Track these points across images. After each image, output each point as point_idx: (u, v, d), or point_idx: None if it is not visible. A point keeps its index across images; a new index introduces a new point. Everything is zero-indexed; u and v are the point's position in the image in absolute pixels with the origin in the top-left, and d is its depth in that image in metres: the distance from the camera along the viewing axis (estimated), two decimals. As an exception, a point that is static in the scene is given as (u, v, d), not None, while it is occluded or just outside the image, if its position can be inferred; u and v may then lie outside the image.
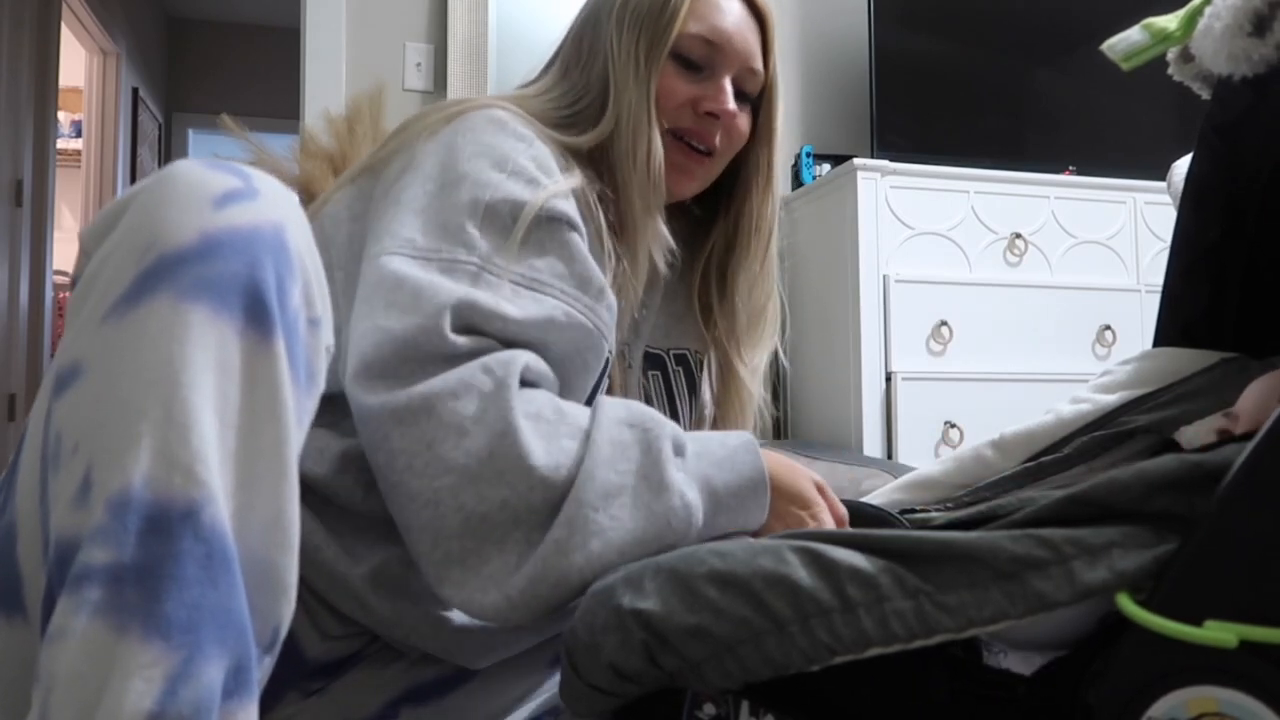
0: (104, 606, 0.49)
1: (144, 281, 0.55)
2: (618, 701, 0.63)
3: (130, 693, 0.48)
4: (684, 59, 0.93)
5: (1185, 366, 0.89)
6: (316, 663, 0.80)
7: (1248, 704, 0.53)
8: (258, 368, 0.56)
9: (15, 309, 3.60)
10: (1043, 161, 2.46)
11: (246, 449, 0.56)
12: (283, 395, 0.57)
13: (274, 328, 0.57)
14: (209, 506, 0.52)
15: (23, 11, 3.58)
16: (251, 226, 0.57)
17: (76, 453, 0.53)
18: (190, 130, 5.57)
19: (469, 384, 0.70)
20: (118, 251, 0.57)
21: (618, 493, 0.69)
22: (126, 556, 0.50)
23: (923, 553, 0.58)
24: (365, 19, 2.52)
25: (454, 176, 0.80)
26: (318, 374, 0.63)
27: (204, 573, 0.51)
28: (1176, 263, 0.93)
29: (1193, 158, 0.92)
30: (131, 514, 0.51)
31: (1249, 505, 0.56)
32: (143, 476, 0.51)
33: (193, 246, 0.55)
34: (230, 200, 0.58)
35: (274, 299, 0.57)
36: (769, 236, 1.01)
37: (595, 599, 0.62)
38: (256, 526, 0.56)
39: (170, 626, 0.50)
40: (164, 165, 2.21)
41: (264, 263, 0.57)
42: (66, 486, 0.53)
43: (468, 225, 0.77)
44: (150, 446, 0.52)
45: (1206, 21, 0.74)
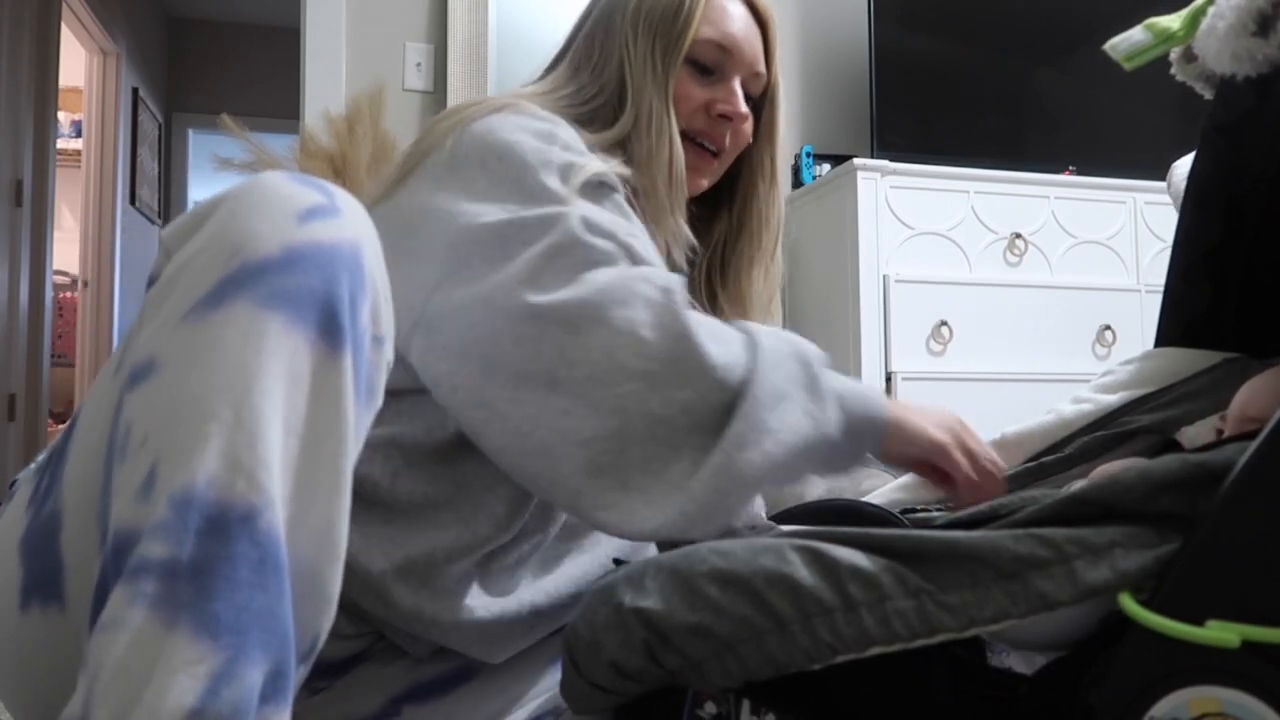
0: (157, 600, 0.51)
1: (226, 287, 0.56)
2: (618, 700, 0.63)
3: (174, 688, 0.49)
4: (697, 63, 0.95)
5: (1186, 366, 0.89)
6: (324, 662, 0.80)
7: (1249, 704, 0.53)
8: (325, 380, 0.58)
9: (15, 309, 3.59)
10: (1043, 161, 2.46)
11: (307, 459, 0.57)
12: (345, 409, 0.58)
13: (344, 343, 0.58)
14: (267, 512, 0.54)
15: (23, 11, 3.58)
16: (332, 243, 0.59)
17: (144, 447, 0.55)
18: (190, 130, 5.57)
19: (633, 291, 0.72)
20: (202, 254, 0.58)
21: (784, 397, 0.70)
22: (184, 553, 0.51)
23: (925, 552, 0.58)
24: (365, 19, 2.52)
25: (500, 153, 0.80)
26: (377, 391, 0.64)
27: (256, 576, 0.53)
28: (1178, 263, 0.93)
29: (1195, 158, 0.92)
30: (193, 512, 0.52)
31: (1251, 505, 0.56)
32: (207, 476, 0.52)
33: (275, 257, 0.57)
34: (314, 216, 0.59)
35: (346, 315, 0.58)
36: (778, 231, 1.04)
37: (597, 597, 0.62)
38: (308, 536, 0.57)
39: (219, 626, 0.51)
40: (165, 165, 2.22)
41: (340, 279, 0.58)
42: (131, 478, 0.54)
43: (540, 175, 0.78)
44: (217, 448, 0.53)
45: (1210, 21, 0.74)
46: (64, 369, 4.49)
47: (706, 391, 0.70)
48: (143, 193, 4.97)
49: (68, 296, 4.74)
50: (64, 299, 4.73)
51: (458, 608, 0.79)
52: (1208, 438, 0.80)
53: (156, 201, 5.30)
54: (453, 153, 0.82)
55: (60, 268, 4.37)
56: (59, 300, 4.60)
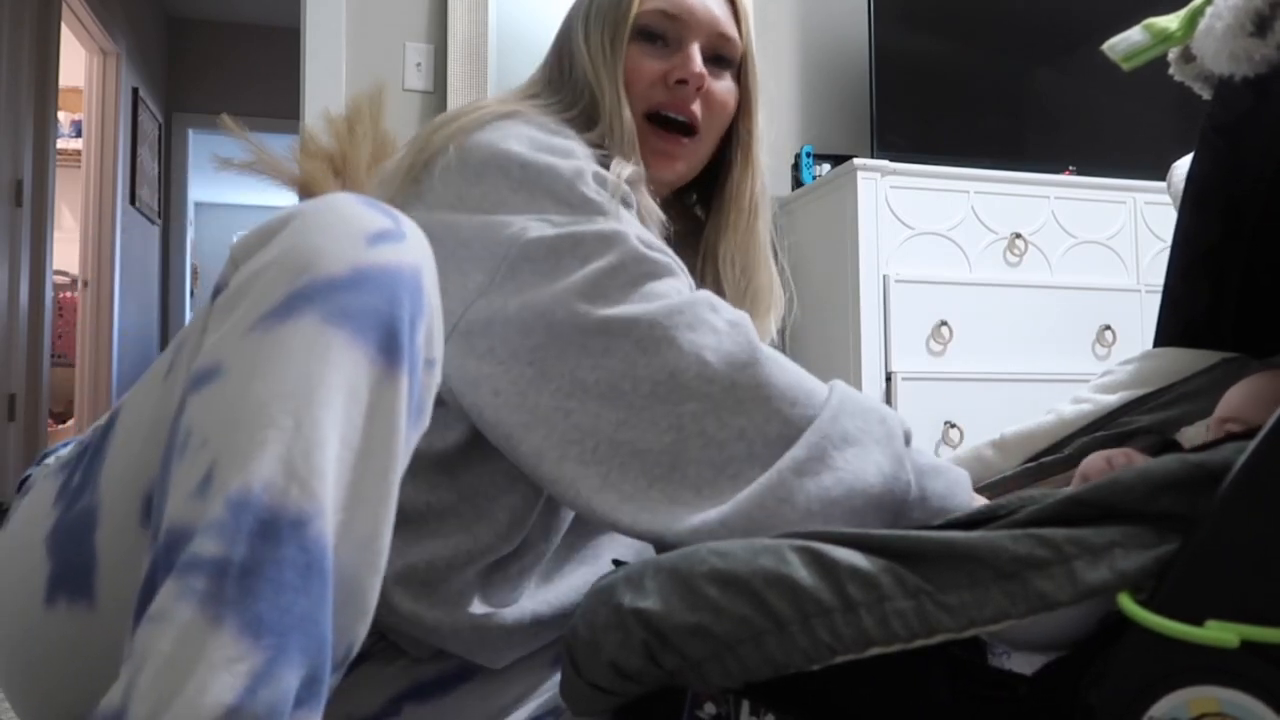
0: (206, 597, 0.52)
1: (294, 301, 0.58)
2: (618, 700, 0.63)
3: (215, 684, 0.50)
4: (647, 35, 0.93)
5: (1186, 366, 0.89)
6: None
7: (1249, 704, 0.53)
8: (382, 397, 0.59)
9: (15, 309, 3.60)
10: (1043, 161, 2.46)
11: (358, 471, 0.58)
12: (398, 426, 0.60)
13: (401, 362, 0.60)
14: (317, 520, 0.55)
15: (23, 11, 3.58)
16: (396, 266, 0.61)
17: (205, 447, 0.56)
18: (190, 130, 5.57)
19: (700, 317, 0.73)
20: (271, 268, 0.60)
21: (856, 442, 0.70)
22: (235, 554, 0.52)
23: (924, 552, 0.58)
24: (365, 19, 2.52)
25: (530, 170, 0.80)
26: (425, 411, 0.65)
27: (301, 581, 0.54)
28: (1177, 263, 0.93)
29: (1193, 158, 0.92)
30: (247, 514, 0.53)
31: (1250, 506, 0.56)
32: (263, 481, 0.54)
33: (344, 277, 0.59)
34: (382, 239, 0.61)
35: (405, 336, 0.60)
36: (754, 208, 1.00)
37: (596, 597, 0.62)
38: (352, 546, 0.58)
39: (261, 626, 0.52)
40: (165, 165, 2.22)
41: (402, 301, 0.60)
42: (189, 477, 0.55)
43: (577, 185, 0.79)
44: (275, 454, 0.54)
45: (1208, 21, 0.74)
46: (64, 369, 4.49)
47: (765, 420, 0.70)
48: (143, 193, 4.97)
49: (68, 296, 4.74)
50: (64, 299, 4.73)
51: (458, 615, 0.80)
52: (1207, 438, 0.80)
53: (156, 201, 5.30)
54: (464, 161, 0.81)
55: (60, 268, 4.37)
56: (59, 300, 4.60)
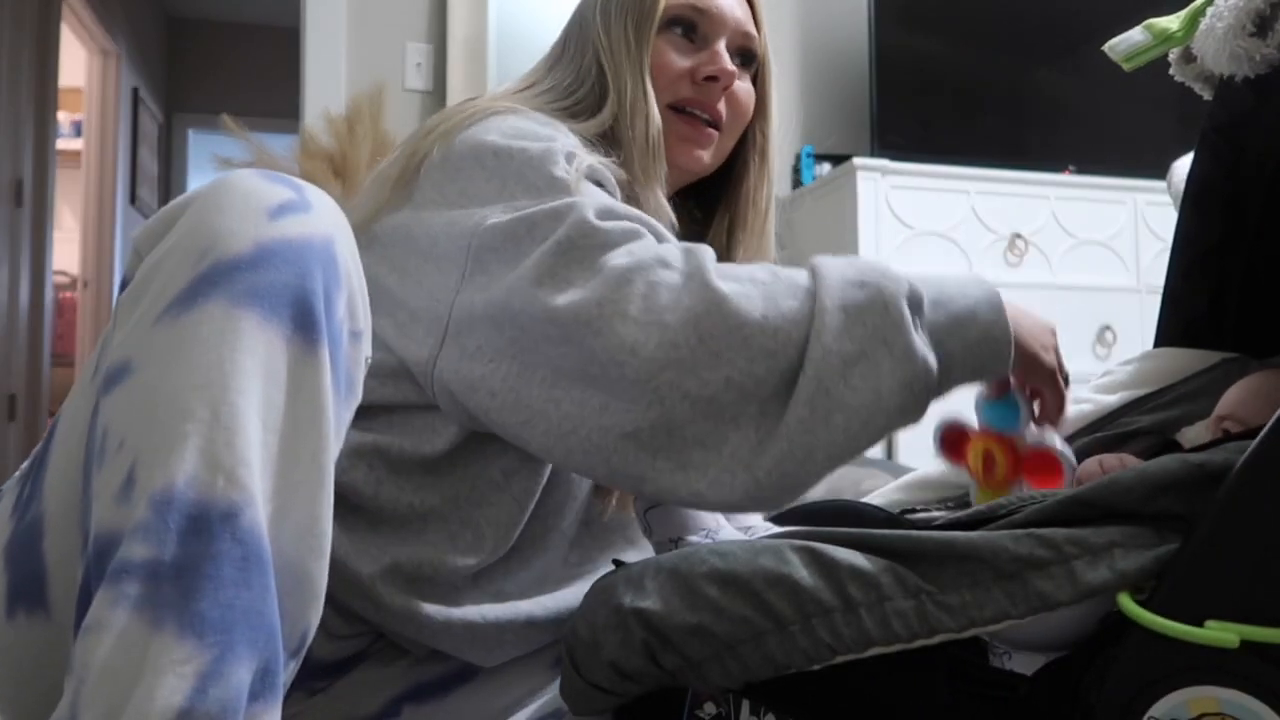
0: (141, 602, 0.50)
1: (198, 286, 0.56)
2: (618, 700, 0.63)
3: (162, 688, 0.49)
4: (675, 28, 0.93)
5: (1186, 367, 0.89)
6: (322, 662, 0.80)
7: (1249, 704, 0.53)
8: (302, 376, 0.57)
9: (15, 309, 3.59)
10: (1043, 161, 2.46)
11: (287, 455, 0.57)
12: (324, 404, 0.58)
13: (320, 338, 0.58)
14: (248, 509, 0.54)
15: (23, 11, 3.58)
16: (303, 238, 0.59)
17: (122, 449, 0.54)
18: (190, 130, 5.56)
19: (650, 279, 0.68)
20: (173, 255, 0.58)
21: (856, 360, 0.66)
22: (166, 554, 0.51)
23: (924, 552, 0.58)
24: (365, 19, 2.52)
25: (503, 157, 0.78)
26: (356, 385, 0.64)
27: (240, 574, 0.52)
28: (1177, 263, 0.93)
29: (1194, 158, 0.92)
30: (174, 512, 0.52)
31: (1250, 506, 0.56)
32: (186, 476, 0.52)
33: (247, 255, 0.57)
34: (285, 212, 0.59)
35: (321, 310, 0.58)
36: (766, 210, 1.00)
37: (596, 597, 0.62)
38: (291, 532, 0.57)
39: (204, 625, 0.51)
40: (165, 165, 2.21)
41: (314, 274, 0.58)
42: (110, 482, 0.54)
43: (545, 166, 0.76)
44: (196, 447, 0.53)
45: (1208, 21, 0.75)
46: (64, 369, 4.48)
47: (749, 363, 0.66)
48: (143, 193, 4.97)
49: (68, 296, 4.74)
50: (64, 299, 4.73)
51: (446, 612, 0.78)
52: (1208, 438, 0.80)
53: (156, 201, 5.30)
54: (445, 159, 0.80)
55: (60, 268, 4.36)
56: (59, 300, 4.59)
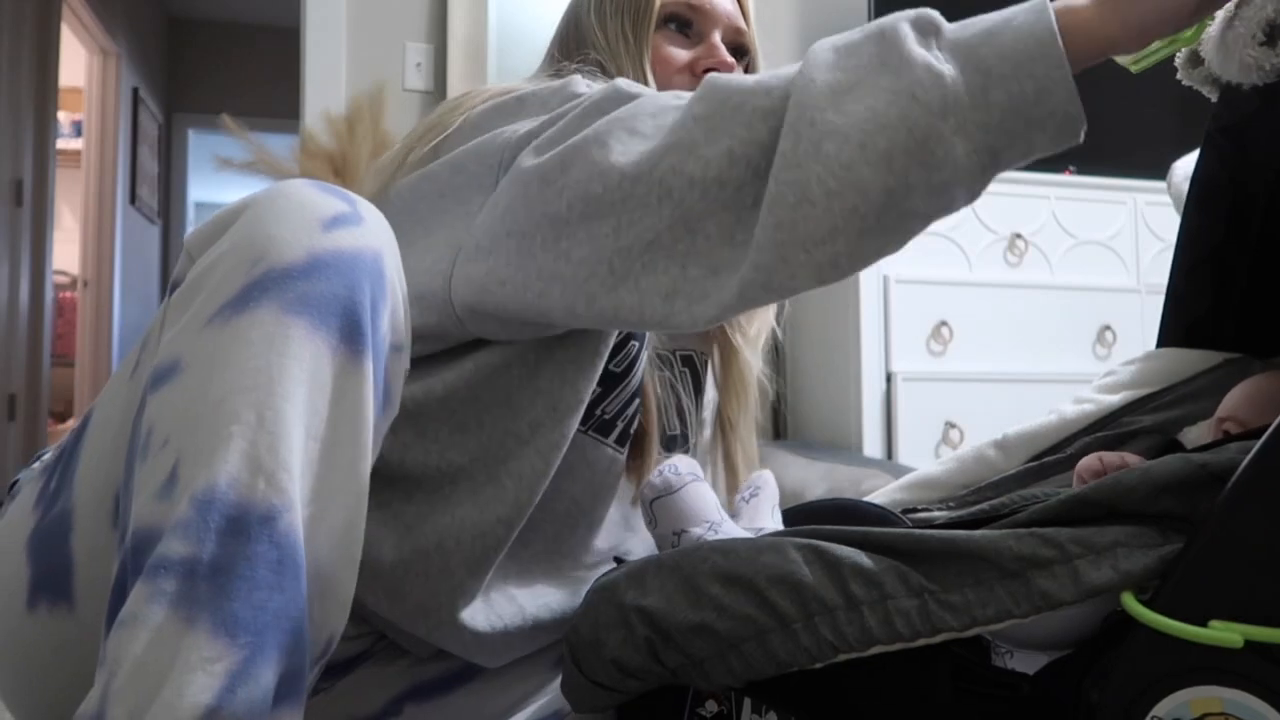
0: (178, 598, 0.51)
1: (250, 291, 0.57)
2: (620, 698, 0.63)
3: (192, 685, 0.50)
4: (672, 24, 0.94)
5: (1188, 367, 0.89)
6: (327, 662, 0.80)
7: (1251, 704, 0.53)
8: (346, 386, 0.58)
9: (15, 309, 3.59)
10: (1042, 161, 2.44)
11: (326, 463, 0.57)
12: (365, 414, 0.59)
13: (365, 349, 0.59)
14: (287, 514, 0.54)
15: (23, 11, 3.58)
16: (354, 251, 0.59)
17: (166, 446, 0.55)
18: (190, 130, 5.56)
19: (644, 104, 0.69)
20: (226, 259, 0.59)
21: (849, 88, 0.61)
22: (205, 552, 0.52)
23: (927, 551, 0.58)
24: (365, 19, 2.52)
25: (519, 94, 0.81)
26: (394, 397, 0.65)
27: (274, 577, 0.53)
28: (1180, 263, 0.93)
29: (1198, 159, 0.92)
30: (214, 512, 0.52)
31: (1254, 506, 0.56)
32: (229, 477, 0.53)
33: (300, 264, 0.58)
34: (338, 224, 0.60)
35: (368, 322, 0.59)
36: None
37: (599, 595, 0.62)
38: (325, 538, 0.57)
39: (237, 625, 0.51)
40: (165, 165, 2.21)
41: (362, 286, 0.59)
42: (153, 478, 0.55)
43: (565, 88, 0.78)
44: (240, 449, 0.54)
45: (1218, 27, 0.74)
46: (64, 369, 4.48)
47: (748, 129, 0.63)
48: (143, 192, 4.97)
49: (68, 296, 4.74)
50: (64, 299, 4.73)
51: (460, 610, 0.79)
52: (1210, 438, 0.80)
53: (156, 201, 5.30)
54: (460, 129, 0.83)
55: (60, 268, 4.36)
56: (59, 300, 4.59)
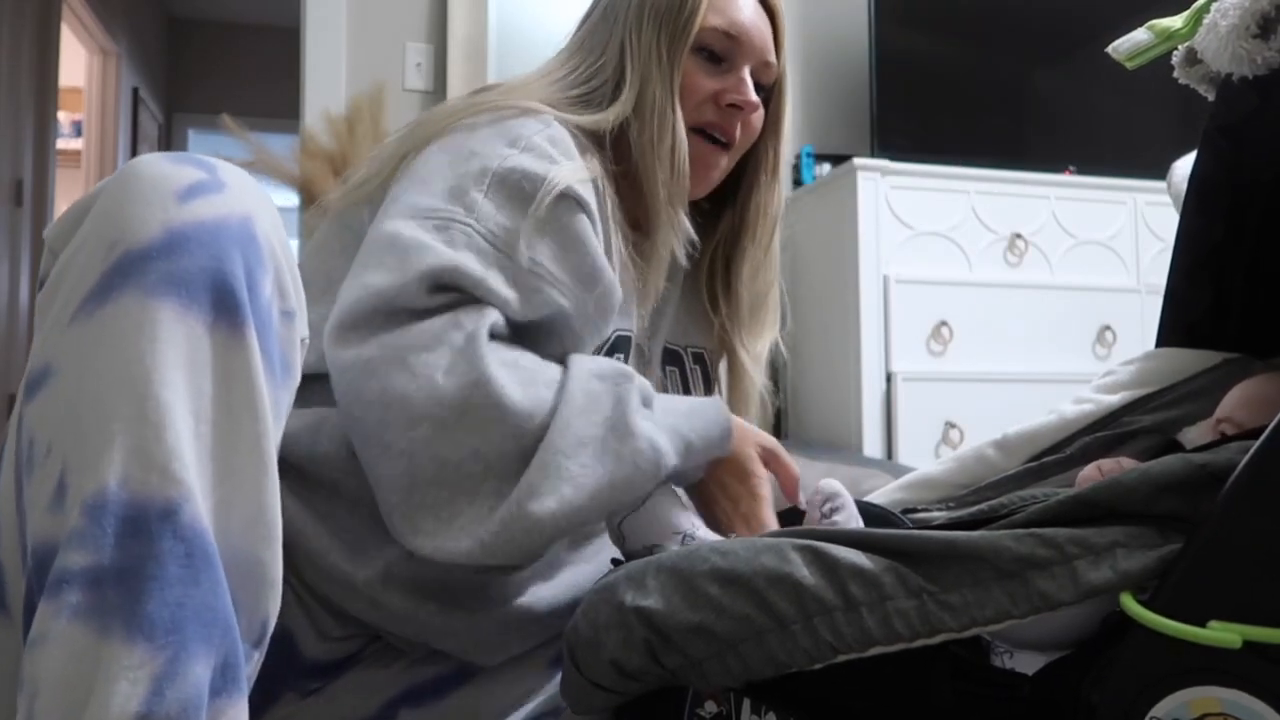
0: (85, 610, 0.49)
1: (110, 280, 0.54)
2: (619, 698, 0.63)
3: (117, 695, 0.48)
4: (704, 52, 0.93)
5: (1188, 366, 0.89)
6: (314, 663, 0.79)
7: (1251, 704, 0.53)
8: (230, 361, 0.56)
9: (15, 309, 3.59)
10: (1043, 161, 2.46)
11: (223, 444, 0.55)
12: (258, 388, 0.57)
13: (245, 320, 0.57)
14: (187, 505, 0.52)
15: (23, 11, 3.58)
16: (217, 219, 0.57)
17: (50, 456, 0.53)
18: (190, 130, 5.56)
19: (439, 337, 0.70)
20: (83, 250, 0.56)
21: (589, 442, 0.71)
22: (106, 559, 0.50)
23: (926, 552, 0.58)
24: (365, 19, 2.52)
25: (465, 152, 0.80)
26: (293, 365, 0.62)
27: (185, 571, 0.51)
28: (1179, 263, 0.93)
29: (1196, 158, 0.92)
30: (109, 516, 0.50)
31: (1253, 507, 0.56)
32: (118, 477, 0.51)
33: (158, 242, 0.55)
34: (195, 193, 0.57)
35: (244, 292, 0.57)
36: (774, 224, 1.02)
37: (598, 595, 0.62)
38: (237, 522, 0.56)
39: (154, 627, 0.50)
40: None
41: (232, 255, 0.56)
42: (42, 491, 0.53)
43: (472, 190, 0.77)
44: (124, 446, 0.51)
45: (1212, 18, 0.74)
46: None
47: (500, 440, 0.69)
48: (143, 193, 4.97)
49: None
50: (64, 299, 4.72)
51: (446, 611, 0.78)
52: (1209, 438, 0.80)
53: (156, 201, 5.30)
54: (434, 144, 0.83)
55: (60, 268, 4.36)
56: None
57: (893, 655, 0.57)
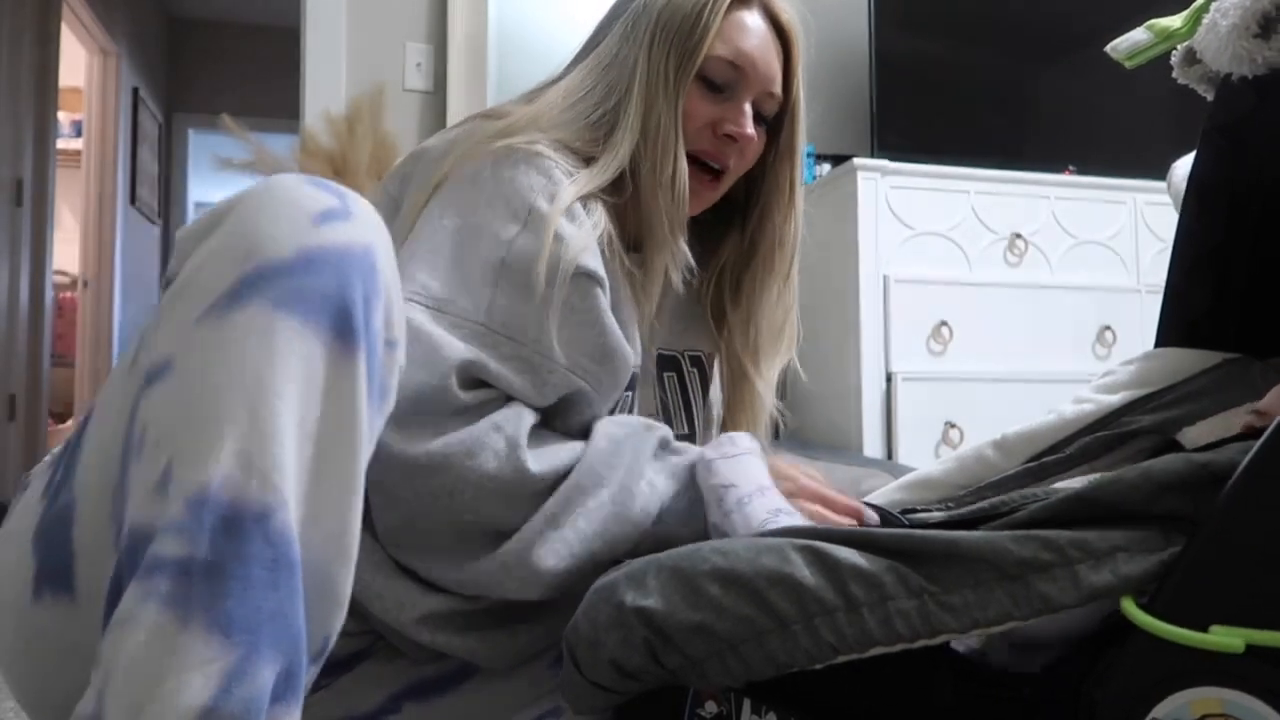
0: (172, 598, 0.51)
1: (241, 288, 0.57)
2: (619, 698, 0.63)
3: (188, 685, 0.50)
4: (707, 81, 0.92)
5: (1188, 366, 0.89)
6: (328, 659, 0.80)
7: (1252, 705, 0.53)
8: (339, 383, 0.58)
9: (15, 309, 3.59)
10: (1043, 161, 2.46)
11: (320, 461, 0.57)
12: (359, 411, 0.59)
13: (358, 345, 0.59)
14: (280, 512, 0.54)
15: (23, 11, 3.58)
16: (345, 246, 0.59)
17: (159, 446, 0.55)
18: (190, 130, 5.56)
19: (483, 443, 0.75)
20: (217, 256, 0.59)
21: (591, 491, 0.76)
22: (199, 552, 0.52)
23: (927, 552, 0.58)
24: (365, 19, 2.52)
25: (472, 226, 0.82)
26: (390, 393, 0.65)
27: (269, 576, 0.53)
28: (1179, 262, 0.93)
29: (1196, 158, 0.92)
30: (207, 512, 0.52)
31: (1254, 508, 0.56)
32: (222, 477, 0.53)
33: (290, 260, 0.58)
34: (328, 219, 0.60)
35: (360, 317, 0.59)
36: (793, 253, 1.01)
37: (598, 595, 0.62)
38: (320, 537, 0.57)
39: (231, 624, 0.51)
40: (165, 165, 2.23)
41: (354, 282, 0.59)
42: (147, 477, 0.55)
43: (482, 286, 0.79)
44: (232, 449, 0.53)
45: (1212, 18, 0.74)
46: (64, 369, 4.48)
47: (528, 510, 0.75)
48: (143, 192, 4.97)
49: (68, 296, 4.74)
50: (64, 299, 4.72)
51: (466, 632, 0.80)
52: (1209, 438, 0.80)
53: (156, 201, 5.30)
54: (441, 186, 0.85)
55: (60, 268, 4.36)
56: (59, 300, 4.59)
57: (893, 655, 0.57)
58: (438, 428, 0.75)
